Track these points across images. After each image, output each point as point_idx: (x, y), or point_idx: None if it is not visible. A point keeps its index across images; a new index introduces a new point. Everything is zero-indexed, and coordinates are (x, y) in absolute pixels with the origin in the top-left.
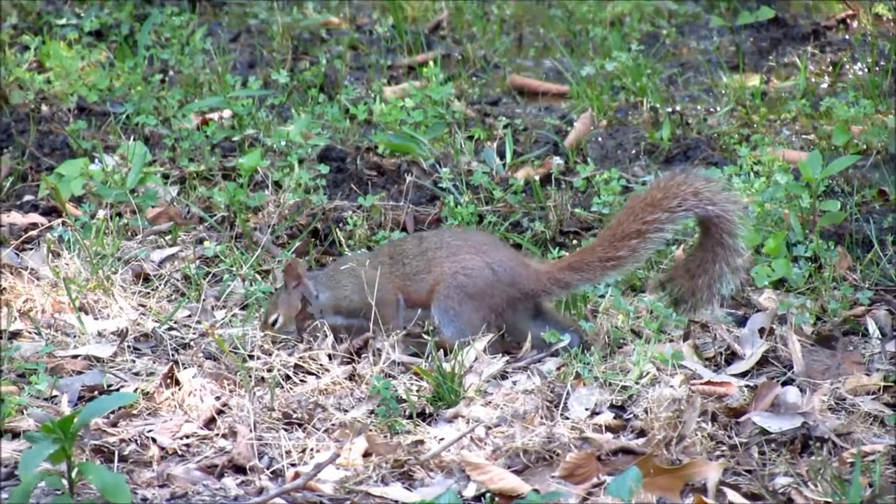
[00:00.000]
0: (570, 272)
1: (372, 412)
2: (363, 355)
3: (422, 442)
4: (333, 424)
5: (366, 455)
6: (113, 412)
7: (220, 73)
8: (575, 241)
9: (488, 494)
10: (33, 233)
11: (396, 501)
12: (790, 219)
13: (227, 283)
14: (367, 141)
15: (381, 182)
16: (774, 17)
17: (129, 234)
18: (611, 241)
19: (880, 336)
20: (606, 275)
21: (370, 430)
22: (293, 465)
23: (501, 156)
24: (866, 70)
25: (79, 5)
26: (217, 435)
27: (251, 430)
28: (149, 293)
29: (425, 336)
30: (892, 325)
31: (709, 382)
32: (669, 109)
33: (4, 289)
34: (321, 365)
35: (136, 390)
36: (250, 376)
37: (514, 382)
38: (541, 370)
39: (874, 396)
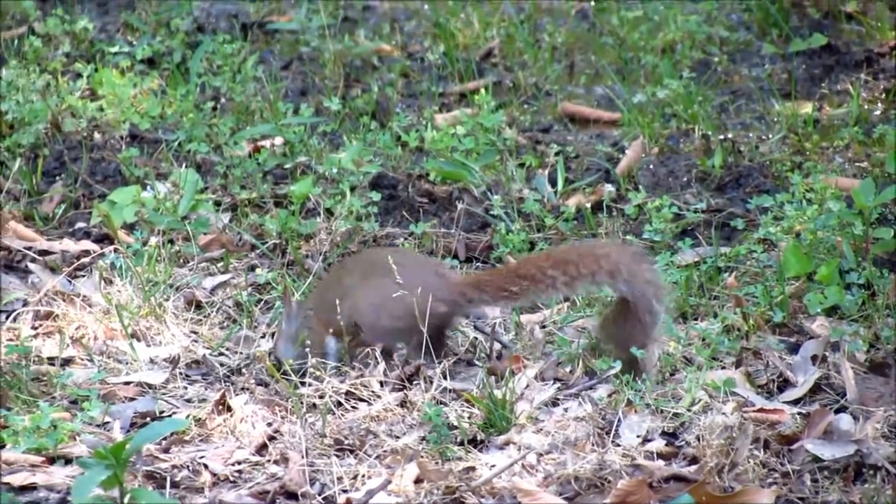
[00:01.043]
0: (473, 289)
1: (423, 439)
2: (415, 382)
3: (473, 468)
4: (385, 451)
5: (417, 481)
6: (165, 438)
7: (271, 100)
8: None
9: None
10: (85, 260)
11: None
12: (843, 246)
13: (278, 311)
14: (418, 168)
15: (432, 209)
16: (827, 44)
17: (181, 261)
18: (512, 274)
19: None
20: (501, 303)
21: (422, 457)
22: (345, 491)
23: (553, 183)
24: None
25: (131, 33)
26: (269, 461)
27: (303, 457)
28: (201, 320)
29: (477, 363)
30: None
31: (761, 410)
32: (721, 137)
33: (57, 315)
34: (373, 392)
35: (187, 416)
36: (302, 403)
37: (566, 409)
38: (592, 397)
39: None
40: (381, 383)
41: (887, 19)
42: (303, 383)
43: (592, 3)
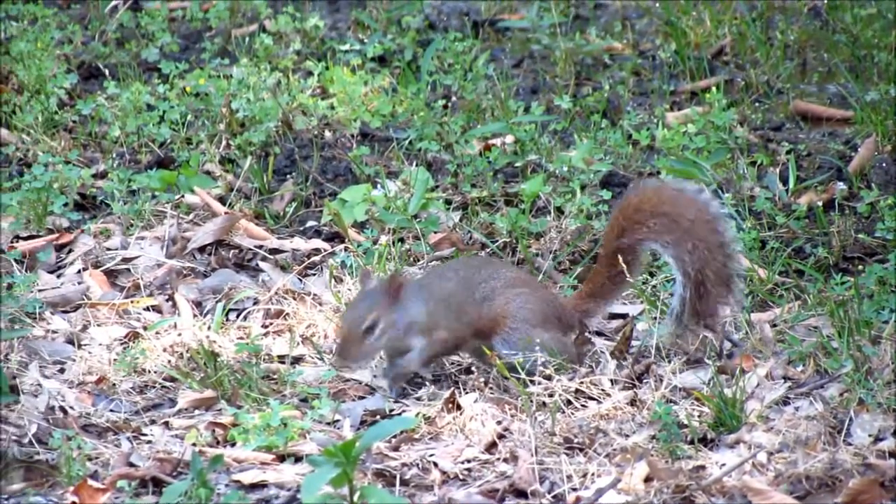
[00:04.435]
0: (591, 300)
1: (653, 437)
2: (644, 380)
3: (703, 467)
4: (614, 449)
5: (647, 480)
6: (395, 436)
7: (502, 98)
8: (860, 267)
9: None
10: (316, 258)
11: None
12: None
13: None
14: (649, 166)
15: None
16: None
17: (412, 259)
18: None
19: None
20: (619, 291)
21: (651, 455)
22: (574, 489)
23: (784, 181)
24: None
25: (362, 31)
26: (498, 459)
27: (532, 455)
28: None
29: (707, 361)
30: None
31: None
32: None
33: (287, 314)
34: (602, 390)
35: (417, 415)
36: (531, 401)
37: (797, 408)
38: (823, 396)
39: None
40: (612, 381)
41: None
42: (532, 382)
43: (825, 1)
